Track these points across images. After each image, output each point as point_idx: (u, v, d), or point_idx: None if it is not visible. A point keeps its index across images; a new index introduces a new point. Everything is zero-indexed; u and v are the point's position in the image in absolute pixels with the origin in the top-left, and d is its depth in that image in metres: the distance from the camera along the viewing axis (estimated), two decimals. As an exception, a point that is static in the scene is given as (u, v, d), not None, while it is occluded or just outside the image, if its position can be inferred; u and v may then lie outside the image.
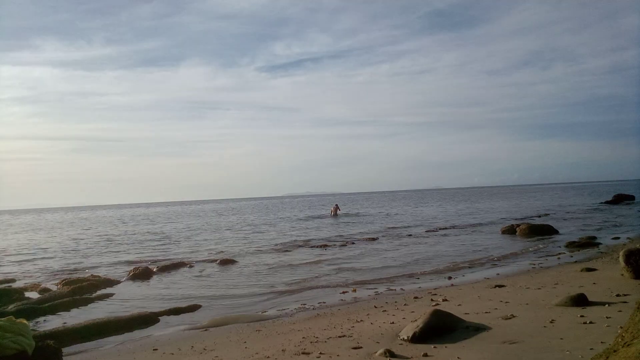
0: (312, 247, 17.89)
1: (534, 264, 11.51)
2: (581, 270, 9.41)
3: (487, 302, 7.17)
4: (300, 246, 18.22)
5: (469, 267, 11.84)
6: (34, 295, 10.60)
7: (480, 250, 14.77)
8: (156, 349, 6.15)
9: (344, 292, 9.53)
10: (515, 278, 9.65)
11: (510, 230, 19.17)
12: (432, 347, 5.06)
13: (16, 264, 16.46)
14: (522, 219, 26.08)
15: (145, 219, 50.48)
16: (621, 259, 8.17)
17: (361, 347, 5.30)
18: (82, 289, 10.71)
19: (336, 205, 40.66)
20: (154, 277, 12.70)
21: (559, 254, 13.00)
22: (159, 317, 8.08)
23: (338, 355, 5.09)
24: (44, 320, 8.36)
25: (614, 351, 2.75)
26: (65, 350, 5.95)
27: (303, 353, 5.26)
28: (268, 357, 5.27)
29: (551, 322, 5.65)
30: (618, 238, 15.81)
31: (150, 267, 13.66)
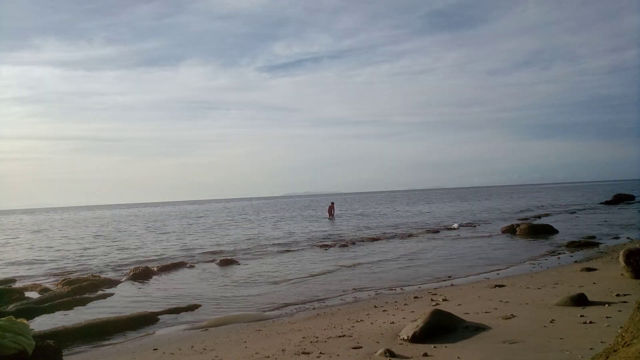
0: (312, 247, 17.89)
1: (534, 264, 11.50)
2: (581, 270, 9.41)
3: (487, 302, 7.17)
4: (299, 246, 18.22)
5: (469, 267, 11.83)
6: (34, 295, 10.60)
7: (480, 250, 14.77)
8: (156, 349, 6.15)
9: (344, 292, 9.52)
10: (515, 278, 9.65)
11: (510, 230, 19.17)
12: (432, 347, 5.06)
13: (16, 264, 16.46)
14: (522, 219, 26.08)
15: (145, 219, 50.47)
16: (621, 259, 8.17)
17: (361, 347, 5.30)
18: (82, 289, 10.71)
19: (332, 203, 38.92)
20: (154, 277, 12.70)
21: (559, 253, 13.00)
22: (159, 317, 8.08)
23: (338, 355, 5.09)
24: (44, 320, 8.36)
25: (614, 351, 2.75)
26: (65, 350, 5.95)
27: (303, 353, 5.26)
28: (268, 357, 5.27)
29: (551, 322, 5.64)
30: (618, 238, 15.81)
31: (150, 267, 13.65)
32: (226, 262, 14.51)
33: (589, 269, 9.43)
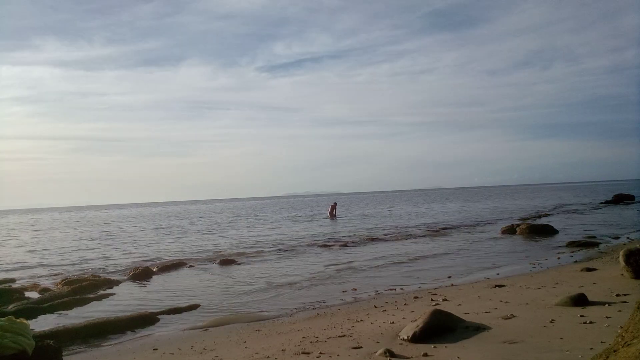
0: (312, 247, 17.88)
1: (534, 264, 11.50)
2: (581, 270, 9.40)
3: (487, 302, 7.17)
4: (300, 246, 18.21)
5: (469, 267, 11.82)
6: (34, 295, 10.60)
7: (480, 250, 14.77)
8: (156, 349, 6.15)
9: (344, 292, 9.52)
10: (515, 278, 9.65)
11: (510, 230, 19.15)
12: (432, 347, 5.06)
13: (16, 264, 16.45)
14: (522, 218, 26.07)
15: (145, 219, 50.47)
16: (621, 259, 8.17)
17: (361, 347, 5.30)
18: (82, 289, 10.71)
19: (334, 203, 38.80)
20: (154, 277, 12.70)
21: (559, 253, 12.99)
22: (159, 317, 8.08)
23: (338, 355, 5.09)
24: (44, 320, 8.36)
25: (614, 351, 2.75)
26: (65, 350, 5.95)
27: (303, 353, 5.26)
28: (268, 357, 5.27)
29: (551, 322, 5.64)
30: (618, 238, 15.81)
31: (150, 267, 13.66)
32: (226, 262, 14.51)
33: (589, 269, 9.42)
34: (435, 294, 8.37)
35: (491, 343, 5.03)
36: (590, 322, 5.45)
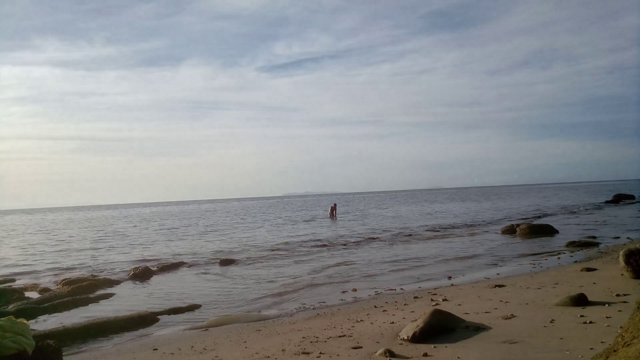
0: (312, 247, 17.89)
1: (534, 264, 11.50)
2: (581, 270, 9.40)
3: (487, 302, 7.17)
4: (300, 246, 18.22)
5: (469, 267, 11.83)
6: (34, 295, 10.61)
7: (480, 250, 14.77)
8: (156, 349, 6.15)
9: (344, 292, 9.52)
10: (515, 278, 9.65)
11: (510, 230, 19.16)
12: (432, 346, 5.06)
13: (16, 264, 16.46)
14: (522, 218, 26.08)
15: (145, 219, 50.48)
16: (621, 259, 8.17)
17: (361, 347, 5.31)
18: (82, 289, 10.72)
19: (334, 204, 39.01)
20: (154, 277, 12.70)
21: (559, 253, 12.99)
22: (159, 317, 8.08)
23: (338, 355, 5.09)
24: (44, 320, 8.36)
25: (614, 351, 2.75)
26: (65, 350, 5.95)
27: (303, 353, 5.26)
28: (268, 357, 5.27)
29: (551, 322, 5.65)
30: (618, 238, 15.80)
31: (150, 267, 13.66)
32: (226, 263, 14.51)
33: (589, 269, 9.42)
34: (435, 294, 8.37)
35: (491, 343, 5.03)
36: (590, 322, 5.46)
